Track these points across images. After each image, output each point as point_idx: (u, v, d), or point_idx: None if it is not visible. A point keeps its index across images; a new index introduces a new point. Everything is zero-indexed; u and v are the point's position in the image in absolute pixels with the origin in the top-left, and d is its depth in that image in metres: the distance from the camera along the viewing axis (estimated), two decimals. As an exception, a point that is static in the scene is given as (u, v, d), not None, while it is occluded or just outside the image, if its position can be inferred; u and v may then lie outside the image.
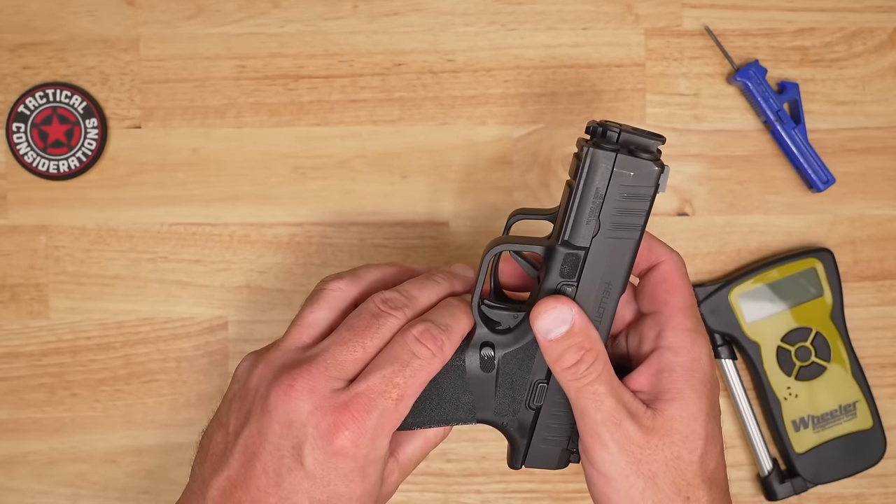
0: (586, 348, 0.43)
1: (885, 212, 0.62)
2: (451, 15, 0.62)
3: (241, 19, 0.62)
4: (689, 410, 0.44)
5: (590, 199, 0.43)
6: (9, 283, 0.62)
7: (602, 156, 0.42)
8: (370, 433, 0.42)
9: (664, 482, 0.43)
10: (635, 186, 0.43)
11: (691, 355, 0.45)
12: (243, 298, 0.62)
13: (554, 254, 0.44)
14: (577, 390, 0.43)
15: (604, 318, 0.45)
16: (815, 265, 0.60)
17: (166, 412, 0.62)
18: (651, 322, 0.46)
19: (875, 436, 0.61)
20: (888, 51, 0.62)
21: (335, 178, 0.62)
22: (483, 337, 0.46)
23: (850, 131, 0.62)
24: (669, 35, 0.62)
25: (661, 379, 0.44)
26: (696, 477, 0.44)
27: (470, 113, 0.62)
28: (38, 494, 0.62)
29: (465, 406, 0.46)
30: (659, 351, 0.45)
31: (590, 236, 0.43)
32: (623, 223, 0.43)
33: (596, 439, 0.43)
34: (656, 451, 0.43)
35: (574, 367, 0.43)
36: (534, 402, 0.46)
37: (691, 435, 0.44)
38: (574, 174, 0.44)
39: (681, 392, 0.44)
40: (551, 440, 0.47)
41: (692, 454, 0.43)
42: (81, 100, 0.61)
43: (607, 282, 0.44)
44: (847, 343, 0.61)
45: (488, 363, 0.45)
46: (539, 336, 0.44)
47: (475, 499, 0.62)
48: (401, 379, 0.42)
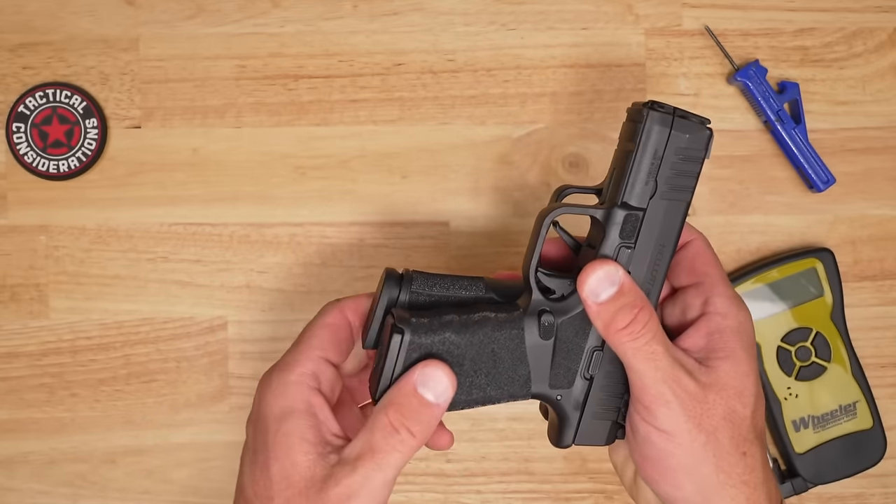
0: (639, 306, 0.44)
1: (886, 212, 0.62)
2: (451, 15, 0.62)
3: (240, 19, 0.62)
4: (742, 367, 0.45)
5: (648, 160, 0.45)
6: (9, 283, 0.62)
7: (661, 118, 0.44)
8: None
9: (724, 436, 0.44)
10: (689, 149, 0.45)
11: (738, 319, 0.46)
12: (243, 298, 0.62)
13: (613, 215, 0.45)
14: (635, 351, 0.44)
15: (656, 280, 0.46)
16: (816, 265, 0.60)
17: (166, 412, 0.62)
18: (694, 292, 0.47)
19: (875, 436, 0.61)
20: (888, 51, 0.62)
21: (335, 178, 0.62)
22: (540, 304, 0.46)
23: (850, 131, 0.62)
24: (669, 35, 0.62)
25: (713, 340, 0.45)
26: (750, 432, 0.45)
27: (470, 113, 0.62)
28: (38, 494, 0.62)
29: (521, 378, 0.46)
30: (708, 315, 0.46)
31: (647, 197, 0.45)
32: (677, 185, 0.45)
33: (658, 398, 0.43)
34: (714, 405, 0.44)
35: (629, 327, 0.43)
36: (589, 371, 0.46)
37: (744, 391, 0.45)
38: (630, 138, 0.45)
39: (733, 350, 0.45)
40: (602, 413, 0.47)
41: (745, 409, 0.44)
42: (81, 100, 0.61)
43: (661, 244, 0.46)
44: (847, 343, 0.61)
45: (548, 329, 0.45)
46: (588, 301, 0.44)
47: (475, 499, 0.62)
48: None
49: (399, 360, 0.44)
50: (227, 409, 0.62)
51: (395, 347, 0.44)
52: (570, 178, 0.62)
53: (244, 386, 0.62)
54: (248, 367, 0.62)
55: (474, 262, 0.62)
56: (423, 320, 0.44)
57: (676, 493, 0.45)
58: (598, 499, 0.62)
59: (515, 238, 0.62)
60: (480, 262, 0.62)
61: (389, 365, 0.44)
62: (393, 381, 0.44)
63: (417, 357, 0.44)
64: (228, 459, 0.62)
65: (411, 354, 0.44)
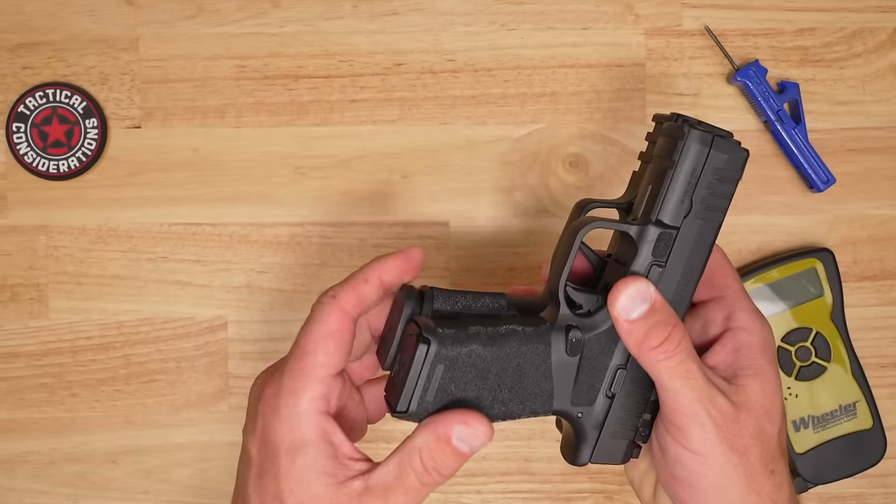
0: (672, 324, 0.43)
1: (886, 212, 0.62)
2: (451, 15, 0.62)
3: (240, 19, 0.62)
4: (770, 385, 0.44)
5: (685, 178, 0.44)
6: (9, 283, 0.62)
7: (701, 137, 0.44)
8: (283, 392, 0.43)
9: (754, 456, 0.43)
10: (726, 169, 0.44)
11: (763, 335, 0.45)
12: (243, 298, 0.62)
13: (646, 233, 0.44)
14: (670, 370, 0.42)
15: (683, 301, 0.45)
16: (816, 265, 0.60)
17: (166, 412, 0.62)
18: (715, 307, 0.46)
19: (875, 436, 0.61)
20: (888, 51, 0.62)
21: (335, 178, 0.62)
22: (567, 319, 0.44)
23: (850, 131, 0.62)
24: (669, 35, 0.62)
25: (740, 357, 0.45)
26: (777, 450, 0.44)
27: (470, 113, 0.62)
28: (38, 494, 0.62)
29: (545, 394, 0.44)
30: (733, 331, 0.45)
31: (682, 216, 0.44)
32: (712, 205, 0.44)
33: (692, 418, 0.42)
34: (745, 424, 0.43)
35: (664, 345, 0.42)
36: (611, 390, 0.45)
37: (772, 409, 0.44)
38: (669, 154, 0.44)
39: (761, 367, 0.44)
40: (620, 432, 0.46)
41: (773, 427, 0.44)
42: (81, 100, 0.61)
43: (691, 264, 0.45)
44: (847, 343, 0.61)
45: (576, 346, 0.44)
46: (620, 318, 0.43)
47: (475, 499, 0.62)
48: (300, 339, 0.44)
49: (423, 372, 0.42)
50: (227, 409, 0.62)
51: (419, 359, 0.42)
52: (570, 178, 0.62)
53: (244, 386, 0.62)
54: (248, 367, 0.62)
55: (474, 262, 0.62)
56: (449, 331, 0.42)
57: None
58: (598, 499, 0.62)
59: (515, 238, 0.62)
60: (480, 262, 0.62)
61: (413, 376, 0.42)
62: (415, 394, 0.42)
63: (443, 370, 0.42)
64: (228, 459, 0.62)
65: (436, 366, 0.42)
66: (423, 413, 0.43)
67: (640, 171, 0.46)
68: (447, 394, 0.43)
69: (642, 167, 0.46)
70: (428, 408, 0.43)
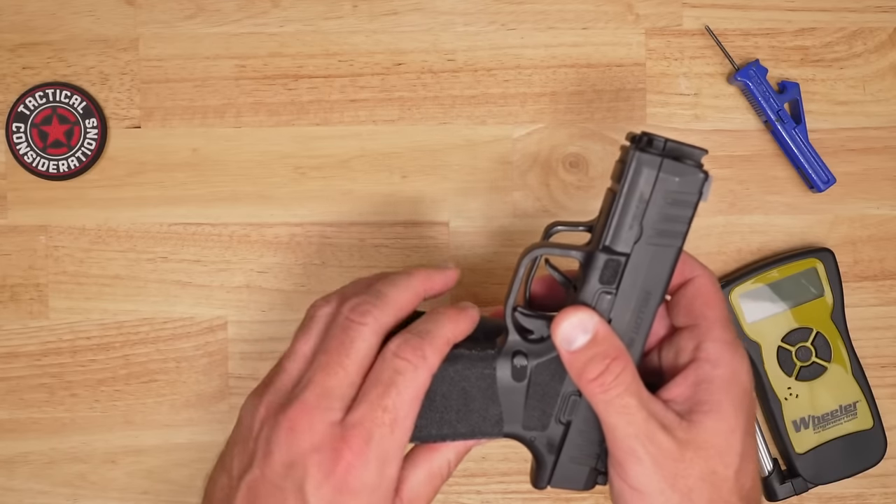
0: (612, 357, 0.42)
1: (886, 212, 0.62)
2: (451, 15, 0.62)
3: (240, 19, 0.62)
4: (727, 424, 0.42)
5: (633, 204, 0.42)
6: (9, 283, 0.62)
7: (648, 160, 0.42)
8: (373, 464, 0.40)
9: (700, 497, 0.41)
10: (680, 192, 0.42)
11: (731, 368, 0.43)
12: (243, 298, 0.62)
13: (594, 259, 0.43)
14: (606, 404, 0.42)
15: (641, 328, 0.44)
16: (816, 265, 0.60)
17: (166, 412, 0.62)
18: (688, 334, 0.45)
19: (875, 436, 0.61)
20: (888, 51, 0.62)
21: (335, 178, 0.62)
22: (515, 345, 0.44)
23: (850, 131, 0.62)
24: (670, 35, 0.62)
25: (699, 390, 0.43)
26: (732, 494, 0.42)
27: (470, 113, 0.62)
28: (37, 494, 0.62)
29: (493, 418, 0.44)
30: (697, 362, 0.43)
31: (631, 242, 0.43)
32: (666, 230, 0.43)
33: (629, 454, 0.41)
34: (691, 464, 0.41)
35: (600, 378, 0.42)
36: (564, 416, 0.45)
37: (728, 450, 0.42)
38: (618, 178, 0.43)
39: (719, 404, 0.42)
40: (580, 459, 0.45)
41: (727, 469, 0.42)
42: (81, 100, 0.61)
43: (647, 290, 0.43)
44: (847, 343, 0.61)
45: (520, 372, 0.44)
46: (561, 348, 0.43)
47: (475, 499, 0.62)
48: (388, 401, 0.41)
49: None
50: (227, 409, 0.62)
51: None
52: (570, 178, 0.62)
53: (244, 386, 0.62)
54: (248, 367, 0.62)
55: (474, 263, 0.62)
56: None
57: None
58: (598, 499, 0.62)
59: (515, 238, 0.62)
60: (480, 262, 0.62)
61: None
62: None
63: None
64: (228, 459, 0.62)
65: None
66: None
67: (608, 192, 0.45)
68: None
69: (609, 188, 0.45)
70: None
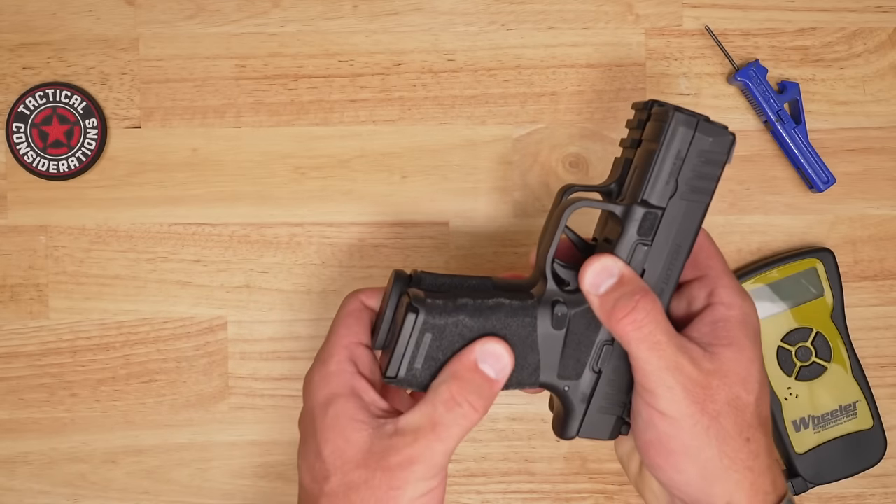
0: (640, 294, 0.44)
1: (886, 212, 0.62)
2: (451, 15, 0.62)
3: (240, 19, 0.62)
4: (746, 354, 0.45)
5: (671, 161, 0.45)
6: (9, 283, 0.62)
7: (686, 120, 0.45)
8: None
9: (727, 421, 0.44)
10: (712, 152, 0.45)
11: (743, 310, 0.46)
12: (243, 298, 0.62)
13: (632, 212, 0.45)
14: (639, 341, 0.44)
15: (670, 280, 0.46)
16: (816, 265, 0.60)
17: (166, 412, 0.62)
18: (698, 285, 0.48)
19: (875, 436, 0.61)
20: (888, 51, 0.62)
21: (335, 178, 0.62)
22: (554, 295, 0.46)
23: (850, 131, 0.62)
24: (670, 35, 0.62)
25: (717, 328, 0.46)
26: (754, 418, 0.45)
27: (470, 113, 0.62)
28: (38, 494, 0.62)
29: (531, 367, 0.46)
30: (712, 307, 0.46)
31: (667, 197, 0.45)
32: (698, 187, 0.46)
33: (660, 383, 0.44)
34: (717, 390, 0.44)
35: (631, 315, 0.44)
36: (598, 365, 0.47)
37: (748, 377, 0.45)
38: (656, 137, 0.45)
39: (737, 339, 0.45)
40: (607, 408, 0.47)
41: (749, 395, 0.45)
42: (81, 100, 0.61)
43: (678, 244, 0.46)
44: (847, 343, 0.61)
45: (560, 320, 0.46)
46: (590, 294, 0.45)
47: (475, 499, 0.62)
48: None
49: (412, 340, 0.44)
50: (227, 409, 0.62)
51: (408, 326, 0.44)
52: (570, 178, 0.62)
53: (244, 386, 0.62)
54: (248, 367, 0.62)
55: (474, 262, 0.62)
56: (438, 301, 0.44)
57: (679, 477, 0.45)
58: (598, 499, 0.62)
59: (515, 238, 0.62)
60: (480, 261, 0.62)
61: (402, 343, 0.44)
62: (404, 361, 0.44)
63: (431, 338, 0.44)
64: (228, 459, 0.62)
65: (424, 334, 0.44)
66: (412, 380, 0.45)
67: (621, 157, 0.48)
68: (435, 361, 0.45)
69: (623, 153, 0.48)
70: (417, 374, 0.45)
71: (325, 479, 0.43)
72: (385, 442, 0.43)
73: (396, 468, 0.42)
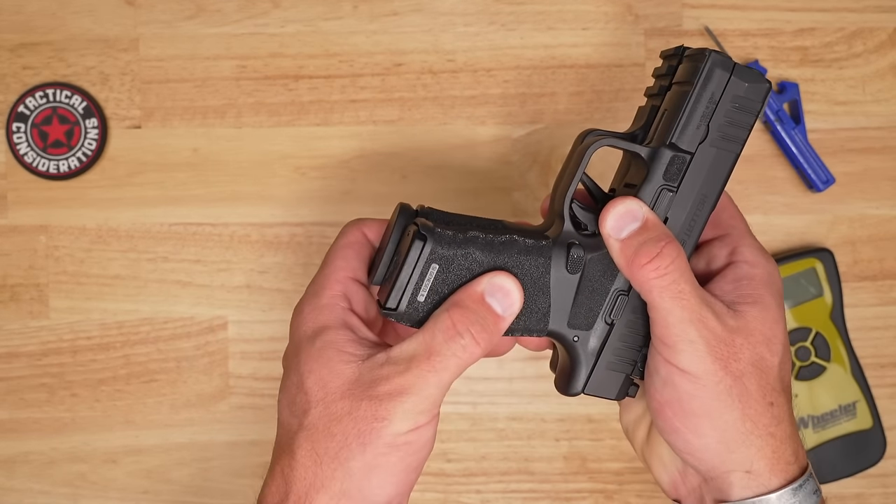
0: (665, 241, 0.41)
1: (885, 212, 0.62)
2: (451, 15, 0.62)
3: (241, 19, 0.62)
4: (771, 314, 0.42)
5: (704, 103, 0.43)
6: (9, 283, 0.62)
7: (722, 62, 0.43)
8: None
9: (750, 382, 0.41)
10: (746, 98, 0.43)
11: (767, 269, 0.44)
12: (243, 298, 0.62)
13: (659, 154, 0.43)
14: (661, 289, 0.41)
15: (693, 231, 0.44)
16: (815, 265, 0.60)
17: (166, 412, 0.62)
18: (719, 244, 0.45)
19: (875, 436, 0.61)
20: (888, 51, 0.62)
21: (335, 178, 0.62)
22: (570, 237, 0.43)
23: (849, 131, 0.62)
24: (669, 35, 0.62)
25: (741, 286, 0.43)
26: (777, 382, 0.42)
27: (470, 113, 0.62)
28: (38, 494, 0.62)
29: (540, 311, 0.43)
30: (736, 264, 0.44)
31: (697, 142, 0.43)
32: (729, 134, 0.43)
33: (681, 337, 0.41)
34: (741, 349, 0.41)
35: (654, 262, 0.41)
36: (610, 316, 0.44)
37: (773, 338, 0.42)
38: (689, 78, 0.43)
39: (762, 297, 0.43)
40: (617, 364, 0.44)
41: (773, 357, 0.42)
42: (81, 100, 0.61)
43: (704, 193, 0.43)
44: (847, 343, 0.61)
45: (576, 263, 0.43)
46: (610, 237, 0.42)
47: (475, 499, 0.62)
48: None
49: (417, 270, 0.41)
50: (227, 408, 0.62)
51: (414, 254, 0.41)
52: (571, 177, 0.62)
53: (244, 386, 0.62)
54: (248, 367, 0.62)
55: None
56: (447, 232, 0.41)
57: (697, 441, 0.41)
58: (597, 498, 0.62)
59: (515, 238, 0.62)
60: (480, 262, 0.62)
61: (406, 272, 0.41)
62: (406, 292, 0.41)
63: (438, 270, 0.41)
64: (228, 459, 0.62)
65: (431, 265, 0.41)
66: (413, 314, 0.42)
67: (646, 105, 0.46)
68: (439, 296, 0.42)
69: (648, 102, 0.46)
70: (418, 308, 0.42)
71: (304, 412, 0.40)
72: (375, 371, 0.40)
73: (385, 397, 0.39)
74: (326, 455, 0.39)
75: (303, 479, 0.39)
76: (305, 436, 0.40)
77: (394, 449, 0.39)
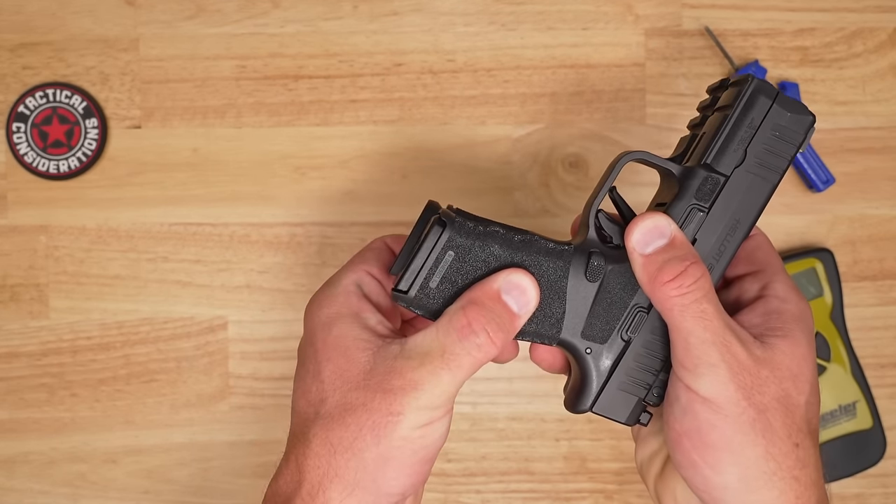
0: (690, 261, 0.40)
1: (885, 212, 0.62)
2: (451, 15, 0.62)
3: (241, 19, 0.62)
4: (801, 350, 0.40)
5: (743, 128, 0.42)
6: (9, 283, 0.62)
7: (766, 89, 0.43)
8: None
9: (775, 419, 0.39)
10: (788, 129, 0.43)
11: (799, 306, 0.42)
12: (243, 298, 0.62)
13: (693, 173, 0.43)
14: (683, 308, 0.39)
15: (722, 256, 0.43)
16: (815, 265, 0.60)
17: (166, 412, 0.62)
18: (751, 279, 0.44)
19: (875, 436, 0.61)
20: (888, 51, 0.62)
21: (335, 178, 0.62)
22: (593, 245, 0.43)
23: (849, 131, 0.62)
24: (669, 35, 0.62)
25: (770, 319, 0.41)
26: (803, 422, 0.40)
27: (470, 113, 0.62)
28: (38, 494, 0.62)
29: (554, 317, 0.42)
30: (767, 298, 0.42)
31: (733, 165, 0.42)
32: (767, 162, 0.43)
33: (703, 360, 0.39)
34: (767, 382, 0.39)
35: (678, 280, 0.39)
36: (628, 332, 0.43)
37: (800, 375, 0.40)
38: (731, 101, 0.43)
39: (792, 332, 0.41)
40: (630, 386, 0.43)
41: (800, 396, 0.40)
42: (81, 100, 0.61)
43: (737, 219, 0.43)
44: (847, 343, 0.61)
45: (596, 271, 0.42)
46: (634, 252, 0.41)
47: (475, 499, 0.62)
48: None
49: (432, 255, 0.41)
50: (227, 408, 0.62)
51: (432, 240, 0.41)
52: (570, 178, 0.62)
53: (244, 386, 0.62)
54: (248, 367, 0.62)
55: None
56: (468, 222, 0.41)
57: (716, 478, 0.39)
58: (597, 498, 0.62)
59: (515, 238, 0.62)
60: (480, 262, 0.62)
61: (421, 257, 0.41)
62: (419, 276, 0.41)
63: (453, 258, 0.41)
64: (228, 459, 0.62)
65: (447, 252, 0.41)
66: (423, 300, 0.41)
67: (687, 136, 0.46)
68: (452, 285, 0.41)
69: (690, 133, 0.46)
70: (429, 295, 0.41)
71: (321, 401, 0.40)
72: (389, 363, 0.39)
73: (399, 391, 0.39)
74: (341, 445, 0.39)
75: (316, 467, 0.39)
76: (321, 425, 0.40)
77: (408, 442, 0.39)
